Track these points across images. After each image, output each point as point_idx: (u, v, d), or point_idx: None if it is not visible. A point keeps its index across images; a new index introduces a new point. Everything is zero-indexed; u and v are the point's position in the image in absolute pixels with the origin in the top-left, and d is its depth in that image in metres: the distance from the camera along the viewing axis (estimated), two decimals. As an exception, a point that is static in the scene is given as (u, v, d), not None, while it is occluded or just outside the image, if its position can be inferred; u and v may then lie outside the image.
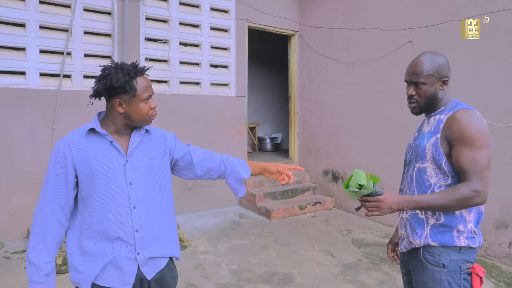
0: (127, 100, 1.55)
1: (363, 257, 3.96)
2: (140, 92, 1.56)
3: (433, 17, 4.34)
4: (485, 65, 3.90)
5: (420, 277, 1.69)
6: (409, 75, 1.73)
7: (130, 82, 1.53)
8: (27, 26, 4.31)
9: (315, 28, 6.11)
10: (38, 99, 4.36)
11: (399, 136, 4.68)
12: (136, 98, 1.56)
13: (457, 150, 1.58)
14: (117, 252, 1.56)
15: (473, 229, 1.65)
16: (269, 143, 8.58)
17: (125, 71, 1.54)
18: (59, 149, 1.55)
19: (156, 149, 1.72)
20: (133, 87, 1.54)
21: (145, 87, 1.58)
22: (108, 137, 1.59)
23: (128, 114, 1.58)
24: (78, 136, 1.58)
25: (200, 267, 3.65)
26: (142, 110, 1.58)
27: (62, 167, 1.53)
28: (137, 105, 1.57)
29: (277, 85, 9.32)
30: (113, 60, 1.69)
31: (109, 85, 1.53)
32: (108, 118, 1.61)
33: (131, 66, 1.58)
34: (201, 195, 5.51)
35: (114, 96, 1.56)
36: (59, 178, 1.54)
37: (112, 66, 1.58)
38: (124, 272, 1.58)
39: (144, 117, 1.60)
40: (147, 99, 1.59)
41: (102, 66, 1.61)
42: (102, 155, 1.56)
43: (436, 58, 1.69)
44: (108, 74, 1.54)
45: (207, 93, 5.62)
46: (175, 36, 5.28)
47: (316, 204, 5.69)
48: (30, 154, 4.31)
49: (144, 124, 1.65)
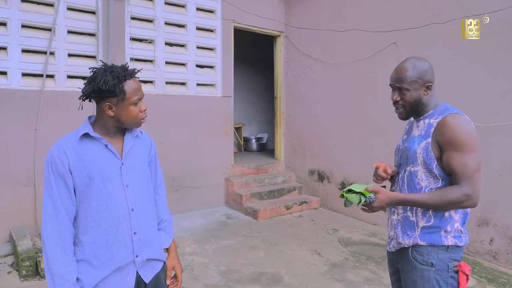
0: (116, 103, 1.53)
1: (349, 256, 4.01)
2: (129, 96, 1.54)
3: (417, 19, 4.43)
4: (468, 66, 3.99)
5: (409, 276, 1.73)
6: (393, 80, 1.76)
7: (119, 85, 1.51)
8: (9, 25, 4.21)
9: (301, 29, 6.15)
10: (20, 100, 4.26)
11: (384, 136, 4.76)
12: (126, 101, 1.54)
13: (448, 155, 1.62)
14: (116, 257, 1.54)
15: (460, 228, 1.70)
16: (254, 143, 8.59)
17: (114, 74, 1.51)
18: (54, 156, 1.51)
19: (145, 152, 1.73)
20: (122, 91, 1.52)
21: (134, 90, 1.56)
22: (102, 140, 1.57)
23: (118, 117, 1.56)
24: (71, 141, 1.55)
25: (188, 268, 3.64)
26: (132, 113, 1.57)
27: (60, 173, 1.50)
28: (127, 108, 1.55)
29: (263, 86, 9.34)
30: (102, 61, 1.66)
31: (97, 88, 1.51)
32: (99, 121, 1.60)
33: (121, 68, 1.56)
34: (188, 196, 5.49)
35: (103, 99, 1.53)
36: (60, 185, 1.50)
37: (101, 68, 1.55)
38: (124, 276, 1.57)
39: (134, 120, 1.59)
40: (137, 102, 1.57)
41: (92, 68, 1.58)
42: (98, 159, 1.55)
43: (420, 64, 1.71)
44: (96, 77, 1.52)
45: (193, 93, 5.59)
46: (160, 36, 5.24)
47: (302, 204, 5.73)
48: (12, 156, 4.22)
49: (134, 126, 1.64)
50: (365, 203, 1.66)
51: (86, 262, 1.53)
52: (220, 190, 5.90)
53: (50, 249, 1.46)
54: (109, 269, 1.54)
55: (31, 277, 3.40)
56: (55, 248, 1.46)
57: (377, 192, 1.65)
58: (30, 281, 3.36)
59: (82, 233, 1.54)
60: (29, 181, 4.32)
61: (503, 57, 3.72)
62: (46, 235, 1.47)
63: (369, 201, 1.64)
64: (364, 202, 1.66)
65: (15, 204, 4.23)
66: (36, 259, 3.46)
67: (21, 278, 3.38)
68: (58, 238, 1.48)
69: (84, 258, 1.54)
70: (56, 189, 1.50)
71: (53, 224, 1.48)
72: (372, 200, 1.64)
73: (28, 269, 3.41)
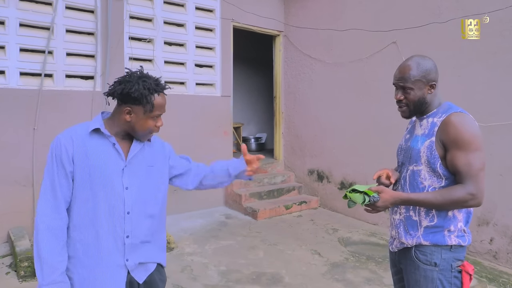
0: (138, 111, 1.53)
1: (349, 256, 4.00)
2: (155, 109, 1.55)
3: (417, 18, 4.42)
4: (467, 66, 3.99)
5: (412, 276, 1.72)
6: (397, 79, 1.74)
7: (148, 97, 1.52)
8: (7, 24, 4.18)
9: (300, 28, 6.14)
10: (18, 99, 4.23)
11: (384, 135, 4.75)
12: (149, 113, 1.55)
13: (452, 154, 1.61)
14: (106, 258, 1.53)
15: (463, 228, 1.68)
16: (253, 143, 8.57)
17: (146, 85, 1.53)
18: (60, 142, 1.50)
19: (156, 157, 1.72)
20: (150, 102, 1.53)
21: (160, 105, 1.58)
22: (111, 139, 1.57)
23: (133, 124, 1.56)
24: (81, 132, 1.55)
25: (187, 269, 3.62)
26: (148, 125, 1.57)
27: (62, 161, 1.49)
28: (145, 119, 1.55)
29: (262, 85, 9.32)
30: (141, 67, 1.66)
31: (126, 92, 1.51)
32: (113, 121, 1.59)
33: (153, 81, 1.57)
34: (187, 196, 5.45)
35: (126, 103, 1.54)
36: (60, 174, 1.50)
37: (137, 73, 1.57)
38: (114, 277, 1.55)
39: (145, 133, 1.59)
40: (157, 116, 1.58)
41: (127, 69, 1.61)
42: (103, 156, 1.54)
43: (424, 62, 1.70)
44: (129, 81, 1.53)
45: (192, 93, 5.57)
46: (159, 35, 5.22)
47: (301, 204, 5.72)
48: (10, 156, 4.18)
49: (142, 139, 1.63)
50: (369, 202, 1.64)
51: (76, 259, 1.52)
52: (219, 190, 5.87)
53: (43, 236, 1.45)
54: (99, 268, 1.52)
55: (29, 277, 3.37)
56: (49, 236, 1.45)
57: (381, 192, 1.63)
58: (29, 281, 3.33)
59: (74, 229, 1.52)
60: (27, 181, 4.29)
61: (503, 56, 3.72)
62: (41, 220, 1.46)
63: (373, 200, 1.63)
64: (368, 202, 1.64)
65: (13, 204, 4.20)
66: (35, 260, 3.43)
67: (19, 279, 3.35)
68: (54, 226, 1.47)
69: (74, 255, 1.52)
70: (57, 177, 1.49)
71: (51, 212, 1.47)
72: (376, 200, 1.63)
73: (26, 269, 3.38)
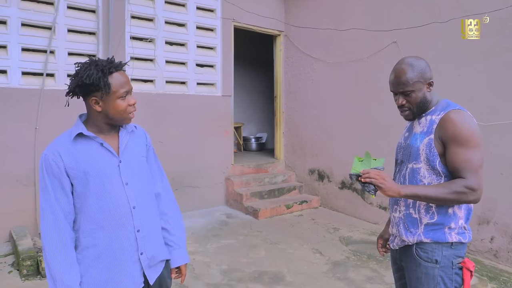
0: (101, 97, 1.47)
1: (350, 255, 4.01)
2: (115, 89, 1.49)
3: (417, 18, 4.43)
4: (468, 65, 4.00)
5: (414, 274, 1.73)
6: (395, 86, 1.73)
7: (103, 78, 1.46)
8: (8, 24, 4.20)
9: (301, 28, 6.15)
10: (20, 99, 4.25)
11: (384, 135, 4.76)
12: (112, 95, 1.48)
13: (452, 151, 1.61)
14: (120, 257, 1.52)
15: (464, 225, 1.69)
16: (254, 142, 8.58)
17: (99, 67, 1.47)
18: (48, 159, 1.46)
19: (142, 146, 1.69)
20: (106, 84, 1.46)
21: (121, 83, 1.51)
22: (97, 139, 1.53)
23: (105, 112, 1.51)
24: (65, 142, 1.50)
25: (189, 268, 3.63)
26: (120, 107, 1.51)
27: (56, 176, 1.46)
28: (113, 102, 1.49)
29: (262, 85, 9.33)
30: (92, 57, 1.61)
31: (81, 83, 1.46)
32: (90, 119, 1.55)
33: (106, 61, 1.51)
34: (188, 195, 5.48)
35: (89, 94, 1.49)
36: (56, 189, 1.46)
37: (86, 62, 1.51)
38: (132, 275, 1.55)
39: (122, 115, 1.53)
40: (124, 95, 1.52)
41: (77, 63, 1.54)
42: (95, 158, 1.50)
43: (416, 62, 1.70)
44: (80, 71, 1.48)
45: (193, 92, 5.59)
46: (160, 35, 5.23)
47: (302, 203, 5.73)
48: (12, 156, 4.20)
49: (123, 122, 1.57)
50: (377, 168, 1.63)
51: (89, 265, 1.50)
52: (220, 189, 5.89)
53: (51, 256, 1.42)
54: (115, 269, 1.51)
55: (32, 276, 3.39)
56: (56, 254, 1.43)
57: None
58: (31, 280, 3.34)
59: (84, 236, 1.50)
60: (29, 181, 4.31)
61: (503, 56, 3.73)
62: (46, 241, 1.43)
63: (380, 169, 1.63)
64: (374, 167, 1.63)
65: (15, 203, 4.21)
66: (37, 259, 3.45)
67: (22, 278, 3.37)
68: (59, 244, 1.43)
69: (87, 261, 1.50)
70: (53, 193, 1.45)
71: (52, 230, 1.44)
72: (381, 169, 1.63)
73: (29, 268, 3.40)
